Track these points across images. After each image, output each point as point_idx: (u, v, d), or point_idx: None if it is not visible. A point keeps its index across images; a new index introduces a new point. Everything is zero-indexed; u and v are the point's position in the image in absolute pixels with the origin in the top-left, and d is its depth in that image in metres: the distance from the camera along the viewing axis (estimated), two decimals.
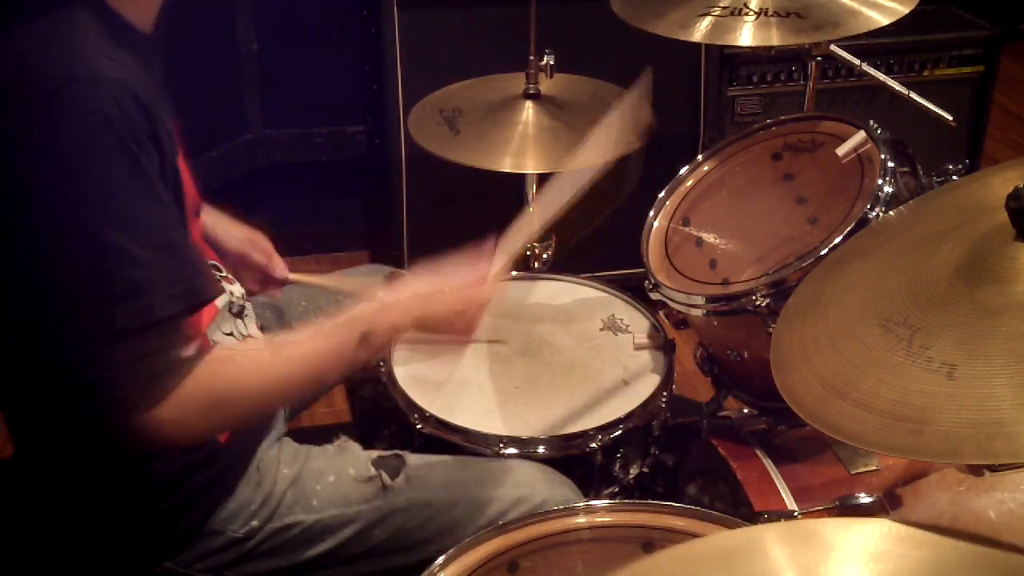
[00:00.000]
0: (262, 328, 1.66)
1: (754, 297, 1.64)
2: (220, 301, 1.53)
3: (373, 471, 1.56)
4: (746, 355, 1.76)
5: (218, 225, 1.75)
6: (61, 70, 1.21)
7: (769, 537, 0.93)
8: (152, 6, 1.35)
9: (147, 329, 1.23)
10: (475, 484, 1.57)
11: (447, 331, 1.56)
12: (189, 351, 1.28)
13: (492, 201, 2.34)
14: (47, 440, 1.44)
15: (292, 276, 1.83)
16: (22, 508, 1.53)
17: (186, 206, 1.37)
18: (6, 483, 1.57)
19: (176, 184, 1.34)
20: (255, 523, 1.50)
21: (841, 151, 1.79)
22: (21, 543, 1.52)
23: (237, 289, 1.61)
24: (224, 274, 1.60)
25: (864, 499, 1.47)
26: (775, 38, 1.83)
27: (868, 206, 1.61)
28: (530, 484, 1.56)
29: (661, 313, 1.90)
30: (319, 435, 1.73)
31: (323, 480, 1.55)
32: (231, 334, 1.55)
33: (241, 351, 1.46)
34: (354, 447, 1.62)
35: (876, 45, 2.93)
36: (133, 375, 1.24)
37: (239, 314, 1.58)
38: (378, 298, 1.53)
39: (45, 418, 1.42)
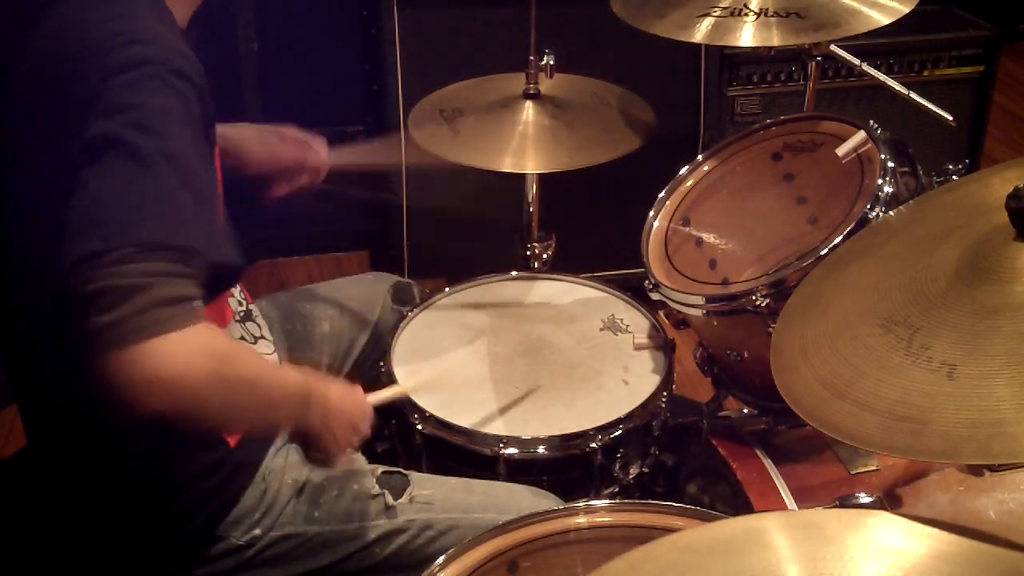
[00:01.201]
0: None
1: (754, 297, 1.64)
2: (232, 304, 1.54)
3: (377, 489, 1.55)
4: (746, 355, 1.76)
5: (242, 134, 1.77)
6: (126, 33, 1.22)
7: (769, 526, 0.93)
8: (192, 3, 1.39)
9: (174, 251, 1.15)
10: (478, 508, 1.56)
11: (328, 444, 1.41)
12: (200, 303, 1.18)
13: (492, 201, 2.35)
14: (63, 438, 1.44)
15: (333, 160, 1.82)
16: (28, 507, 1.53)
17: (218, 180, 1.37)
18: (8, 483, 1.58)
19: (215, 168, 1.34)
20: (257, 531, 1.50)
21: (841, 151, 1.79)
22: (25, 543, 1.52)
23: (238, 293, 1.61)
24: None
25: (864, 499, 1.47)
26: (775, 38, 1.83)
27: (868, 206, 1.61)
28: (533, 510, 1.55)
29: (661, 313, 1.90)
30: None
31: (327, 494, 1.55)
32: (243, 337, 1.55)
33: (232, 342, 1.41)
34: (360, 461, 1.61)
35: (876, 45, 2.93)
36: (149, 289, 1.12)
37: (245, 319, 1.58)
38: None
39: (60, 413, 1.42)
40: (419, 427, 1.71)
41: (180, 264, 1.15)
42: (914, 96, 2.01)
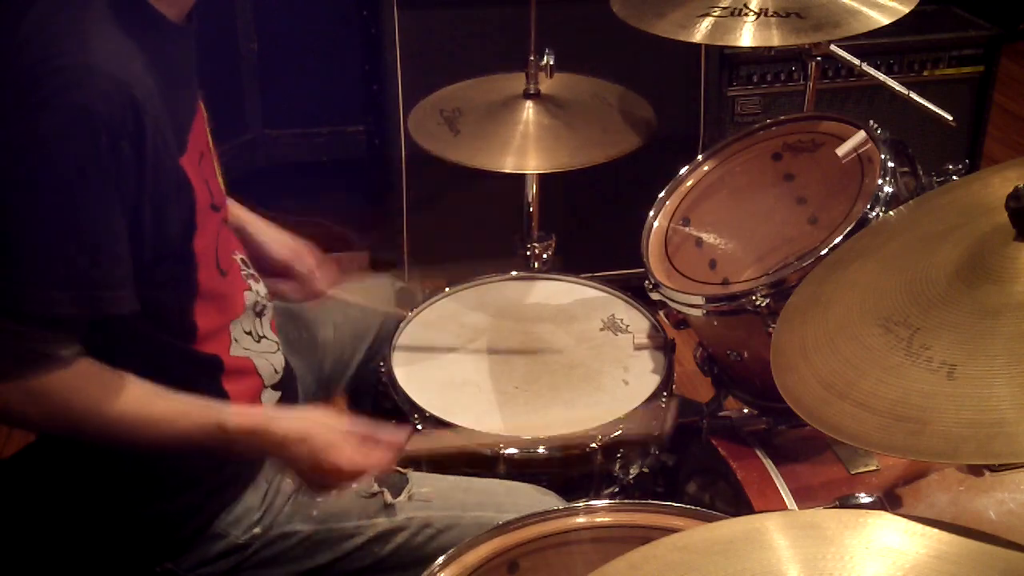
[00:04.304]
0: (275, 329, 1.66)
1: (754, 297, 1.64)
2: (248, 299, 1.54)
3: (376, 487, 1.55)
4: (746, 355, 1.76)
5: (265, 233, 1.76)
6: (61, 54, 1.23)
7: (769, 526, 0.93)
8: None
9: (36, 317, 1.25)
10: (477, 506, 1.56)
11: (313, 472, 1.45)
12: (68, 352, 1.29)
13: (492, 201, 2.35)
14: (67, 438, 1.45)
15: (332, 292, 1.83)
16: (29, 505, 1.53)
17: (196, 201, 1.38)
18: (8, 483, 1.58)
19: (176, 182, 1.34)
20: (257, 530, 1.50)
21: (841, 151, 1.79)
22: (25, 538, 1.52)
23: (262, 288, 1.61)
24: (250, 271, 1.60)
25: (864, 499, 1.47)
26: (775, 38, 1.83)
27: (868, 206, 1.61)
28: (533, 508, 1.55)
29: (661, 313, 1.90)
30: None
31: None
32: (250, 332, 1.55)
33: (118, 379, 1.36)
34: None
35: (876, 45, 2.92)
36: (2, 347, 1.25)
37: (260, 313, 1.58)
38: (267, 420, 1.45)
39: None
40: (419, 427, 1.71)
41: (41, 330, 1.25)
42: (914, 96, 2.01)
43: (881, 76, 2.08)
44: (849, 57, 2.06)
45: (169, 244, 1.36)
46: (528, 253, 2.22)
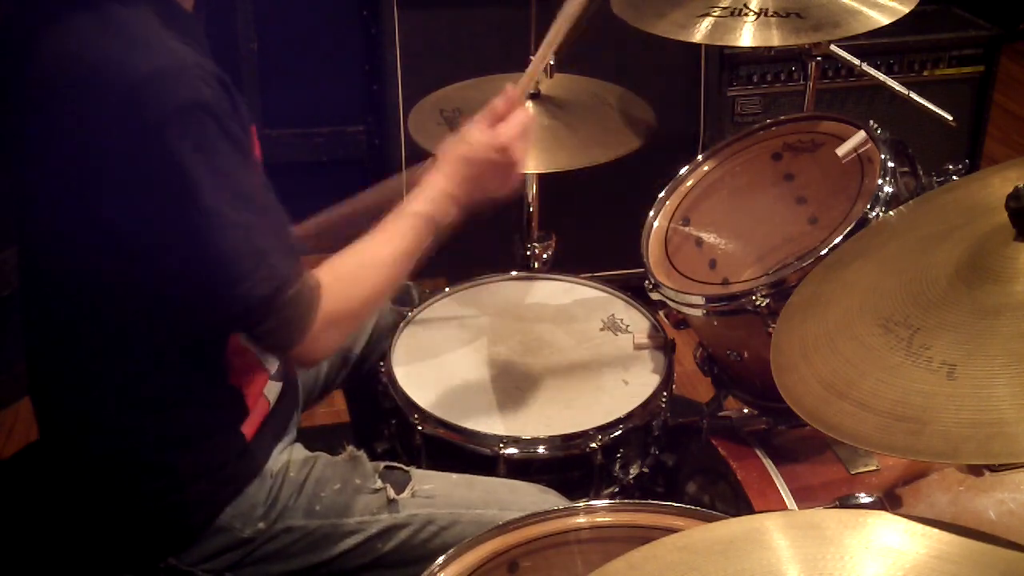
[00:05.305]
0: None
1: (754, 297, 1.64)
2: None
3: (379, 483, 1.56)
4: (746, 355, 1.76)
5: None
6: (143, 64, 1.24)
7: (769, 526, 0.93)
8: None
9: (278, 290, 1.32)
10: (480, 504, 1.56)
11: (498, 178, 1.58)
12: (311, 283, 1.37)
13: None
14: (78, 425, 1.46)
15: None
16: (31, 502, 1.53)
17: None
18: (8, 483, 1.58)
19: (254, 154, 1.39)
20: (261, 525, 1.51)
21: (841, 151, 1.79)
22: (27, 538, 1.52)
23: None
24: None
25: (864, 499, 1.47)
26: (775, 38, 1.83)
27: (868, 206, 1.61)
28: (535, 507, 1.55)
29: (661, 313, 1.90)
30: (320, 436, 1.73)
31: (328, 487, 1.55)
32: None
33: (340, 263, 1.47)
34: (362, 458, 1.62)
35: (876, 45, 2.93)
36: (276, 325, 1.34)
37: None
38: (427, 183, 1.54)
39: (79, 401, 1.44)
40: (419, 427, 1.71)
41: (286, 291, 1.33)
42: (914, 96, 2.01)
43: (881, 76, 2.08)
44: (849, 57, 2.06)
45: None
46: (528, 253, 2.22)
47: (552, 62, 2.11)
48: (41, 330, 1.47)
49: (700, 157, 1.97)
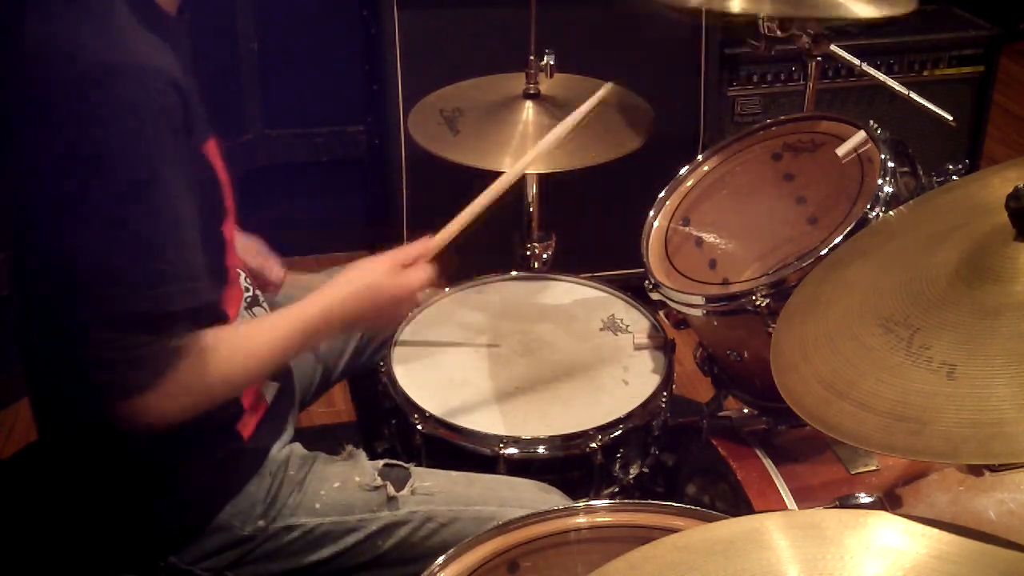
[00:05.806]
0: None
1: (754, 297, 1.64)
2: (243, 287, 1.55)
3: (379, 480, 1.56)
4: (746, 355, 1.76)
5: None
6: (104, 57, 1.23)
7: (769, 526, 0.93)
8: None
9: (156, 318, 1.27)
10: (479, 501, 1.56)
11: (386, 317, 1.64)
12: (182, 342, 1.32)
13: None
14: (76, 424, 1.46)
15: (288, 277, 1.84)
16: (29, 503, 1.53)
17: (222, 188, 1.41)
18: (8, 483, 1.58)
19: (207, 168, 1.37)
20: (261, 523, 1.51)
21: (841, 151, 1.79)
22: (27, 538, 1.52)
23: (244, 280, 1.61)
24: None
25: (864, 499, 1.47)
26: (767, 7, 1.83)
27: (868, 206, 1.61)
28: (535, 504, 1.55)
29: (661, 313, 1.90)
30: (319, 436, 1.73)
31: (328, 485, 1.55)
32: None
33: (226, 337, 1.43)
34: (361, 456, 1.62)
35: (876, 45, 2.93)
36: (128, 359, 1.28)
37: (251, 305, 1.59)
38: (327, 294, 1.53)
39: (76, 400, 1.43)
40: (419, 427, 1.71)
41: (158, 329, 1.28)
42: (914, 96, 2.00)
43: (881, 76, 2.08)
44: (849, 57, 2.06)
45: (208, 230, 1.38)
46: (528, 253, 2.22)
47: (552, 63, 2.11)
48: (37, 329, 1.46)
49: (700, 157, 1.97)
